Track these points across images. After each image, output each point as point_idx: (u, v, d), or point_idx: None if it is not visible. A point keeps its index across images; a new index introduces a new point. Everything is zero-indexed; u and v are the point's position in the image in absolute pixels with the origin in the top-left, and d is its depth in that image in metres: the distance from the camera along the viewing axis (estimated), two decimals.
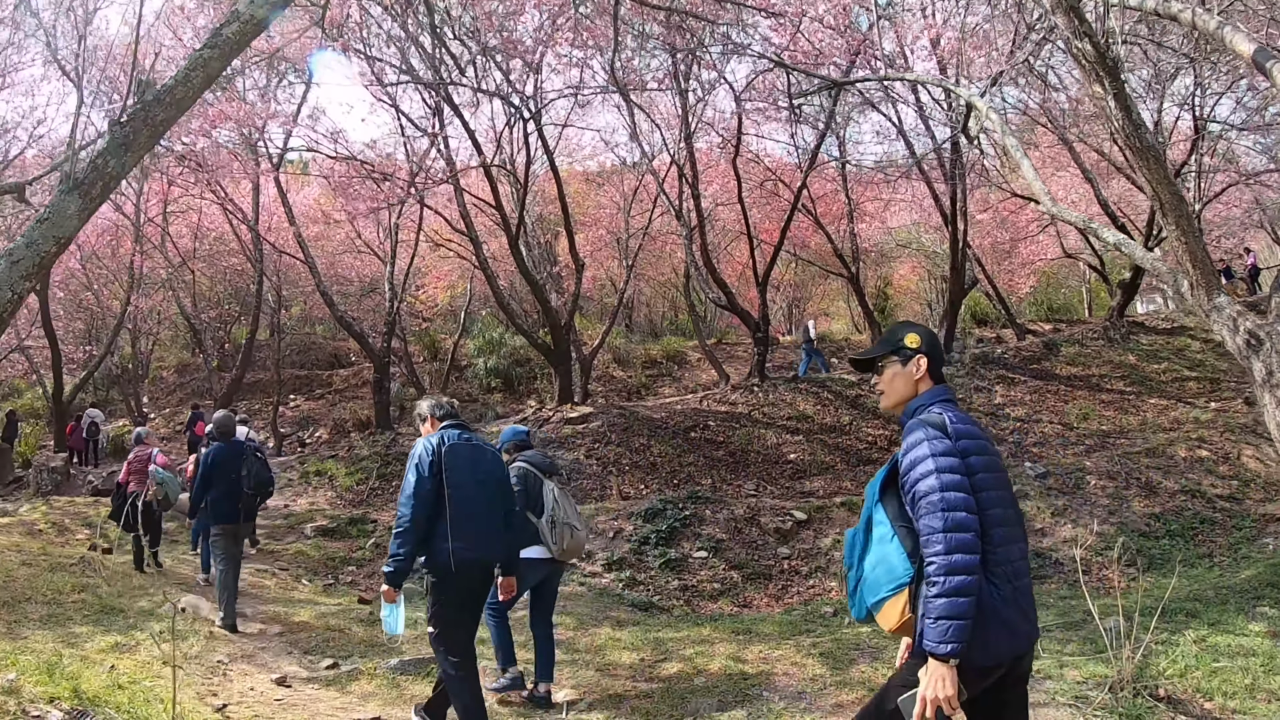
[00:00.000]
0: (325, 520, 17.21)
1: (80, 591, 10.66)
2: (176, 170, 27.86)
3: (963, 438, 3.43)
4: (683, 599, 12.76)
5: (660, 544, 14.00)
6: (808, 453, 19.33)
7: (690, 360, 35.06)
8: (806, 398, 21.90)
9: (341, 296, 32.34)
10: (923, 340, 3.75)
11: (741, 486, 18.16)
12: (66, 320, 34.76)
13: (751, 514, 14.86)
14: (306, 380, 36.50)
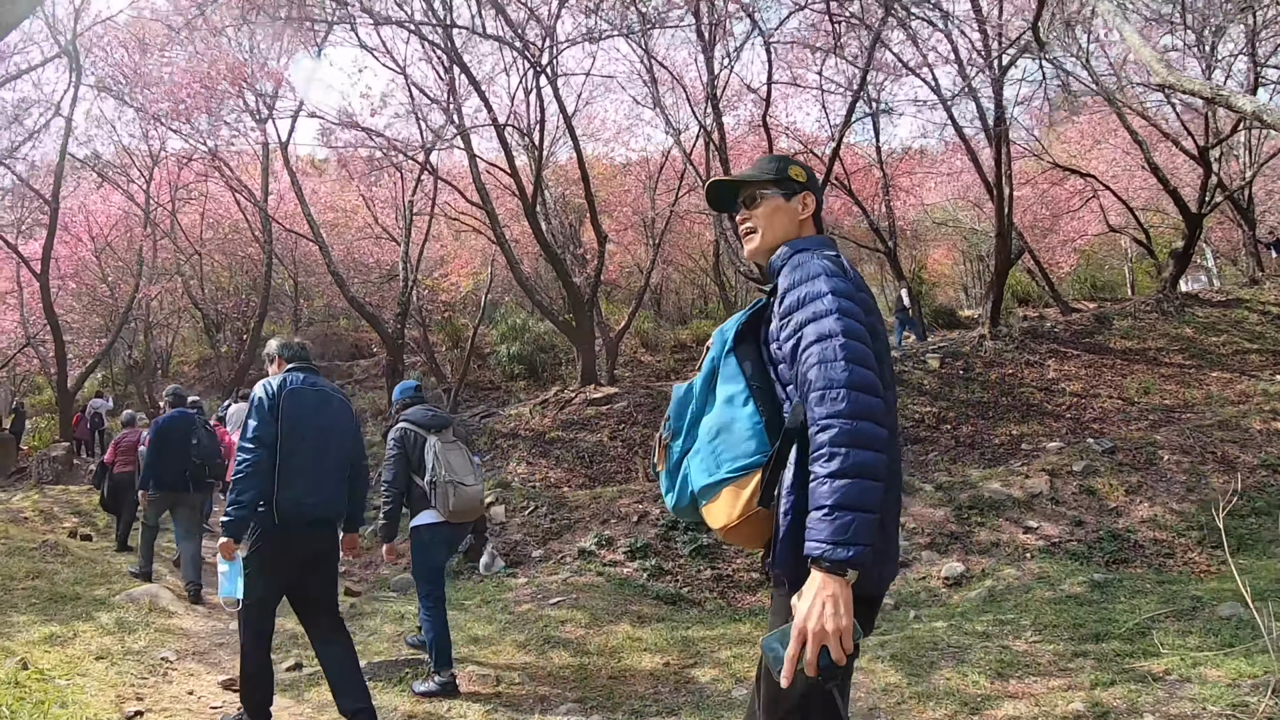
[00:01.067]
0: None
1: (35, 578, 10.21)
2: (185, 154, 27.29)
3: (862, 289, 2.77)
4: (716, 590, 11.24)
5: (689, 529, 12.38)
6: None
7: None
8: None
9: (362, 285, 32.09)
10: (808, 176, 3.13)
11: None
12: (83, 314, 35.08)
13: None
14: (327, 371, 35.49)
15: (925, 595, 10.35)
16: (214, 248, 34.00)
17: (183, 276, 32.12)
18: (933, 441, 17.02)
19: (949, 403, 18.41)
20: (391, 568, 12.40)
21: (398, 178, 27.04)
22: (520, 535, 13.31)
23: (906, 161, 31.31)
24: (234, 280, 37.18)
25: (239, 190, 26.64)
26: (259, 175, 28.15)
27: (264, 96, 24.26)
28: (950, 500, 12.79)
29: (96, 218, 30.59)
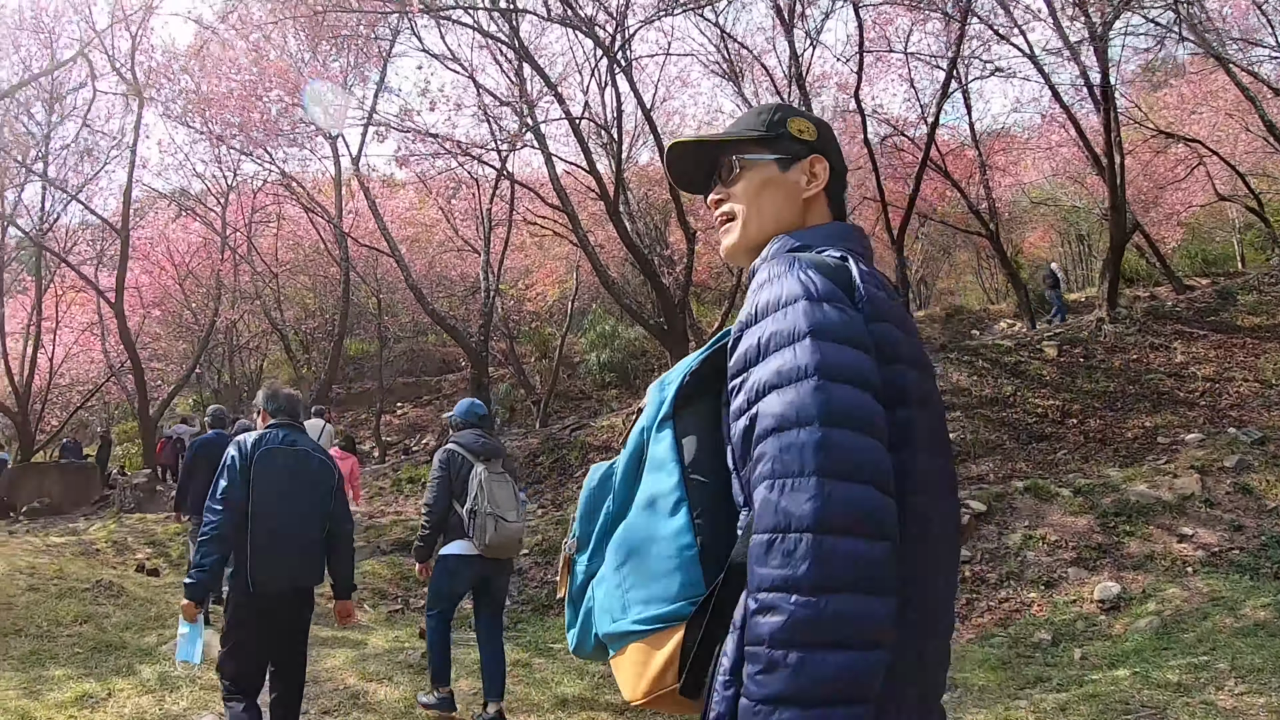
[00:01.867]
0: (404, 533, 15.15)
1: (83, 623, 9.71)
2: (258, 177, 27.88)
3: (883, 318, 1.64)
4: None
5: None
6: (969, 431, 16.31)
7: None
8: (959, 368, 18.87)
9: (446, 299, 32.59)
10: (820, 133, 1.99)
11: None
12: (170, 340, 36.09)
13: None
14: (415, 387, 35.98)
15: (1082, 625, 9.02)
16: (295, 269, 34.00)
17: (262, 300, 31.86)
18: (1059, 438, 15.74)
19: (1072, 394, 17.09)
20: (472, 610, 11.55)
21: (475, 188, 26.49)
22: None
23: (1001, 138, 29.92)
24: (318, 300, 37.10)
25: (313, 210, 26.14)
26: (334, 195, 27.55)
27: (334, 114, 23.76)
28: (1093, 506, 11.44)
29: (177, 246, 31.08)
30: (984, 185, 25.06)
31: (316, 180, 29.38)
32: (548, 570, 12.24)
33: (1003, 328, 28.91)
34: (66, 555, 14.07)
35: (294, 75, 21.54)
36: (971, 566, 10.53)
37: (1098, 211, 29.42)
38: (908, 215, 21.39)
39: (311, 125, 23.33)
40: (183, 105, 23.36)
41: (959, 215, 29.27)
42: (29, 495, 23.39)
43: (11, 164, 25.42)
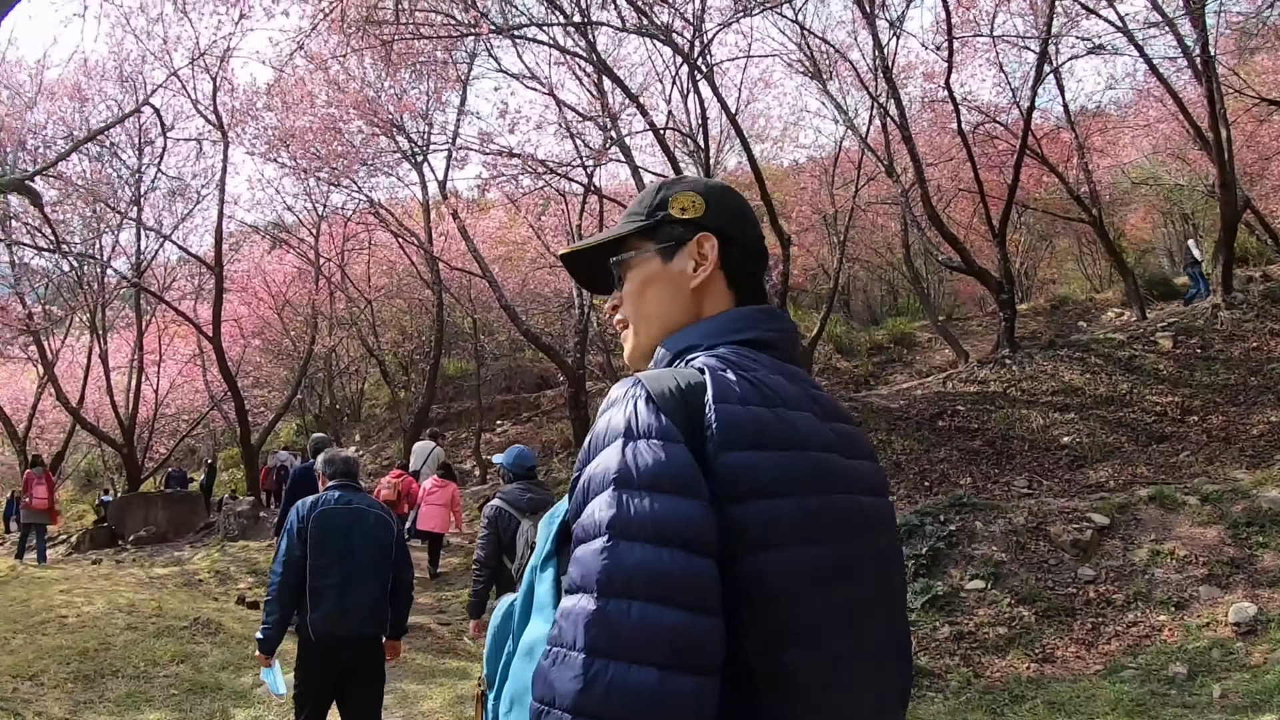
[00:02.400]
0: None
1: (180, 662, 9.77)
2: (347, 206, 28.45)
3: (743, 445, 1.36)
4: (958, 654, 9.23)
5: (921, 573, 10.51)
6: (1084, 433, 15.50)
7: (920, 341, 31.76)
8: (1070, 366, 18.04)
9: (541, 315, 32.45)
10: (709, 204, 1.71)
11: (1010, 484, 14.46)
12: (270, 368, 37.33)
13: (1035, 521, 11.21)
14: (514, 404, 35.85)
15: (1218, 654, 8.32)
16: (389, 294, 34.38)
17: (357, 326, 32.23)
18: (1181, 437, 14.94)
19: (1191, 389, 16.25)
20: None
21: (564, 204, 26.66)
22: None
23: (1097, 118, 28.96)
24: (414, 323, 37.31)
25: (402, 235, 26.26)
26: (423, 220, 27.75)
27: (416, 140, 24.10)
28: (1222, 515, 10.73)
29: (273, 277, 32.03)
30: (1083, 168, 24.20)
31: (405, 206, 29.55)
32: None
33: (1110, 318, 28.04)
34: (169, 588, 14.27)
35: (374, 105, 21.55)
36: (1096, 587, 9.89)
37: (1202, 189, 28.52)
38: (1008, 205, 20.58)
39: (395, 153, 23.46)
40: (266, 142, 23.68)
41: (1058, 202, 28.42)
42: (136, 524, 23.87)
43: (106, 210, 26.05)
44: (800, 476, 1.40)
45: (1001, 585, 10.14)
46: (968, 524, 11.28)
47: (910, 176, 21.53)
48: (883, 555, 1.56)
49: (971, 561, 10.57)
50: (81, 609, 11.78)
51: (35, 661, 9.43)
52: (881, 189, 26.95)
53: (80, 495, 45.49)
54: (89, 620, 11.20)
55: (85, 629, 10.77)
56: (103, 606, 11.88)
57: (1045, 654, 8.92)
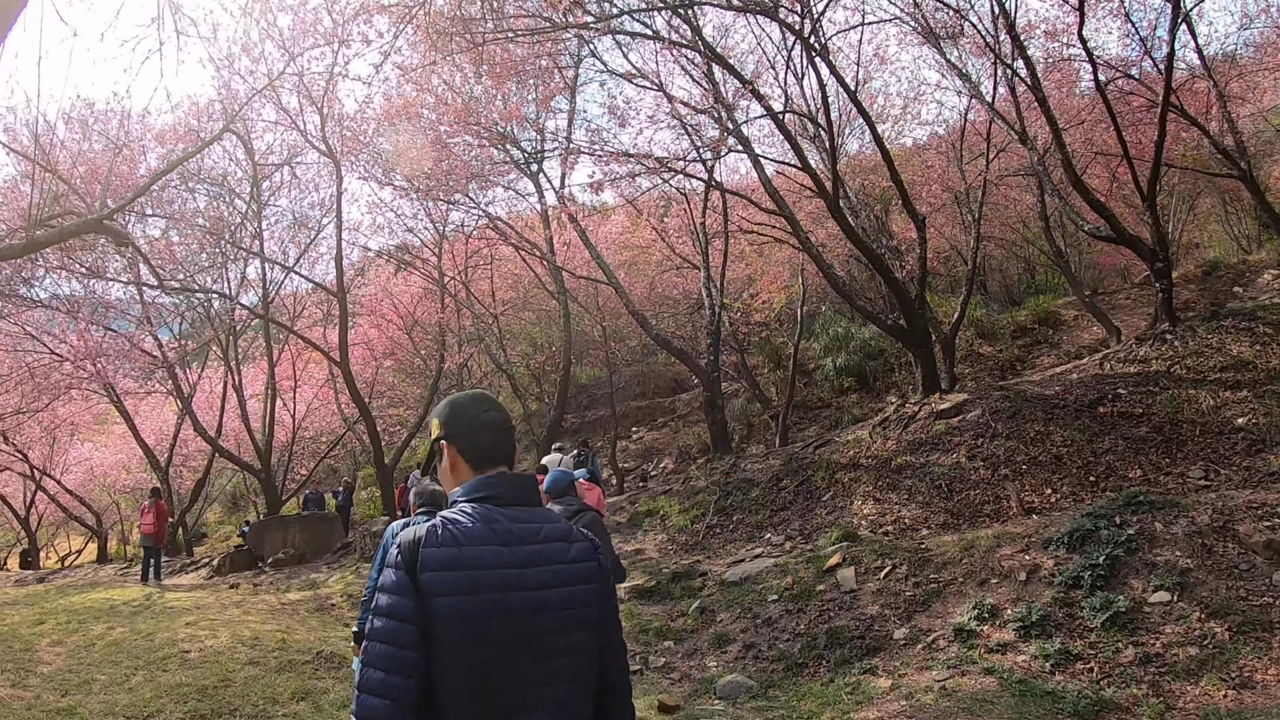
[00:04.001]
0: (643, 577, 14.12)
1: (301, 699, 9.67)
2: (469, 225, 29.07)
3: (443, 565, 2.55)
4: (1145, 681, 8.12)
5: (1098, 586, 9.47)
6: (1260, 413, 14.07)
7: (1065, 320, 30.30)
8: (1239, 338, 16.51)
9: (671, 318, 32.22)
10: (444, 421, 2.90)
11: (1185, 475, 13.22)
12: (404, 388, 38.33)
13: (1221, 520, 10.00)
14: (649, 410, 35.48)
15: None
16: (516, 307, 34.60)
17: (485, 341, 32.13)
18: None
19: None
20: (718, 664, 10.47)
21: (685, 203, 26.15)
22: (877, 608, 10.75)
23: (1234, 65, 27.33)
24: (543, 334, 37.31)
25: (523, 248, 26.15)
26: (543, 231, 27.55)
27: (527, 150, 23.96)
28: None
29: (400, 299, 32.46)
30: (1226, 119, 22.80)
31: (527, 220, 29.50)
32: (799, 619, 11.05)
33: (1268, 280, 26.50)
34: (299, 614, 14.42)
35: (482, 117, 21.26)
36: None
37: None
38: (1156, 164, 19.03)
39: (507, 164, 23.29)
40: (378, 165, 23.79)
41: (1200, 158, 26.93)
42: (274, 547, 24.39)
43: (228, 246, 26.82)
44: (459, 587, 2.51)
45: (1189, 596, 9.04)
46: (1146, 526, 10.18)
47: (1044, 142, 20.53)
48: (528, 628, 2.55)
49: (1154, 570, 9.47)
50: (205, 642, 11.72)
51: (152, 700, 9.29)
52: (1012, 160, 25.79)
53: (227, 518, 46.56)
54: (211, 655, 11.11)
55: (207, 664, 10.66)
56: (226, 640, 11.81)
57: (1243, 678, 7.79)
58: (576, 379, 36.64)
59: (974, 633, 9.40)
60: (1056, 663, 8.54)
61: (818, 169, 19.86)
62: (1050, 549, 10.40)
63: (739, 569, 13.36)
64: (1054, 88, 23.36)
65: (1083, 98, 23.29)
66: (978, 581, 10.49)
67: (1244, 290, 26.20)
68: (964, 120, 25.92)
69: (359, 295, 32.81)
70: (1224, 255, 34.07)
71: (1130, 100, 22.74)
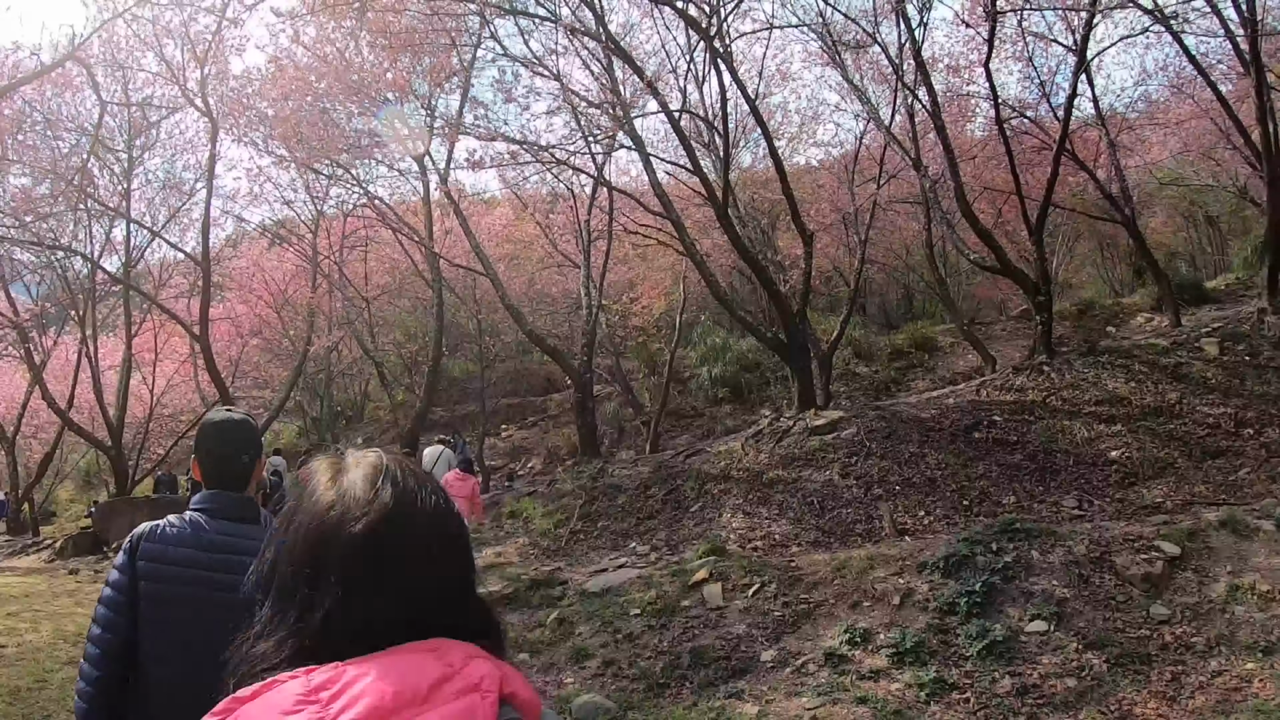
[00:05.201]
0: (502, 583, 13.33)
1: None
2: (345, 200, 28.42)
3: (153, 557, 3.15)
4: (1023, 712, 7.89)
5: (974, 613, 9.25)
6: (1134, 447, 14.34)
7: (942, 347, 30.84)
8: (1114, 373, 16.86)
9: (548, 316, 32.04)
10: (196, 438, 3.52)
11: (1059, 504, 13.28)
12: (272, 368, 36.72)
13: (1098, 551, 9.97)
14: (520, 408, 35.25)
15: None
16: (392, 293, 33.84)
17: (354, 326, 31.52)
18: (1237, 452, 13.85)
19: (1243, 399, 15.17)
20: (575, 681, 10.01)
21: (572, 200, 25.87)
22: (744, 627, 10.31)
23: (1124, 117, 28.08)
24: (418, 324, 36.70)
25: (401, 231, 25.42)
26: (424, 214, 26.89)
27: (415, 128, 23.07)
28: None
29: (272, 275, 31.38)
30: (1115, 167, 23.34)
31: (410, 205, 28.66)
32: (663, 636, 10.61)
33: (1141, 322, 27.21)
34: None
35: (371, 89, 20.63)
36: (1172, 628, 8.68)
37: (1232, 189, 27.86)
38: (1046, 202, 19.43)
39: (393, 142, 22.65)
40: (264, 133, 22.83)
41: (1086, 202, 27.53)
42: (121, 530, 22.50)
43: (93, 204, 25.31)
44: (158, 576, 3.09)
45: (1066, 627, 8.92)
46: (1023, 553, 10.06)
47: (936, 170, 20.69)
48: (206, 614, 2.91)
49: (1031, 599, 9.33)
50: (24, 637, 10.89)
51: None
52: (902, 187, 26.11)
53: (79, 496, 44.85)
54: (29, 651, 10.30)
55: (23, 662, 9.85)
56: (48, 634, 11.02)
57: (1123, 711, 7.65)
58: (448, 371, 36.01)
59: (846, 658, 9.06)
60: (932, 692, 8.26)
61: (710, 176, 19.77)
62: (925, 573, 10.18)
63: (601, 579, 12.89)
64: (950, 120, 23.57)
65: (974, 136, 23.59)
66: (850, 604, 10.18)
67: (1117, 330, 26.89)
68: (859, 143, 26.23)
69: (229, 268, 31.55)
70: (1099, 296, 35.19)
71: (1024, 140, 23.15)
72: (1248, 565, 9.40)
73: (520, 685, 1.34)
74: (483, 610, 1.52)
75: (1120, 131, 25.44)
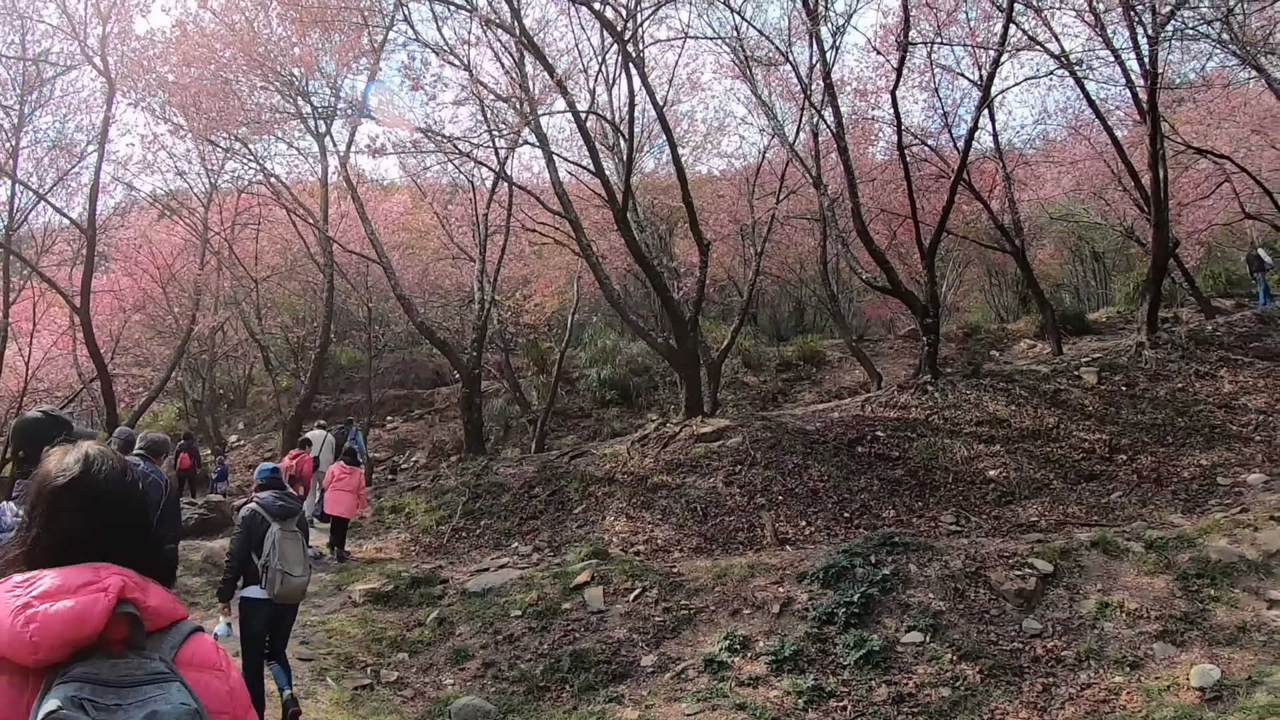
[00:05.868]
0: (381, 579, 13.25)
1: None
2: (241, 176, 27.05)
3: None
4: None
5: (852, 623, 9.43)
6: (1012, 468, 14.82)
7: (830, 361, 31.09)
8: (995, 396, 17.34)
9: (440, 309, 31.37)
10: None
11: (937, 519, 13.66)
12: (154, 347, 34.74)
13: (974, 566, 10.26)
14: (406, 400, 34.77)
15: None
16: (282, 275, 32.73)
17: (241, 307, 30.62)
18: (1111, 476, 14.33)
19: (1119, 426, 15.70)
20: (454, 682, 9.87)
21: (472, 193, 25.58)
22: (625, 631, 10.36)
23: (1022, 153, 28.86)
24: (307, 308, 35.85)
25: (296, 211, 24.82)
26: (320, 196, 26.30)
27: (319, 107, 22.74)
28: (1169, 565, 9.90)
29: (160, 248, 30.06)
30: (1009, 199, 23.98)
31: (305, 183, 27.99)
32: (543, 638, 10.53)
33: (1024, 348, 27.84)
34: None
35: (276, 63, 20.22)
36: (1044, 641, 8.92)
37: (1119, 228, 28.80)
38: (940, 228, 19.84)
39: (294, 118, 22.16)
40: (162, 99, 22.17)
41: (978, 231, 28.15)
42: None
43: None
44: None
45: (941, 638, 9.16)
46: (901, 566, 10.29)
47: (836, 190, 20.96)
48: None
49: (908, 610, 9.57)
50: None
51: None
52: (802, 203, 26.41)
53: None
54: None
55: None
56: None
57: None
58: (335, 359, 35.30)
59: (725, 664, 9.16)
60: (810, 699, 8.40)
61: (611, 178, 19.78)
62: (805, 582, 10.33)
63: (483, 579, 12.77)
64: (854, 142, 23.93)
65: (875, 159, 24.00)
66: (730, 611, 10.27)
67: (1000, 355, 27.51)
68: (762, 157, 26.46)
69: (116, 238, 30.14)
70: (985, 321, 35.95)
71: (924, 167, 23.65)
72: (1117, 584, 9.68)
73: (153, 595, 2.12)
74: (153, 549, 2.30)
75: (1017, 166, 26.27)
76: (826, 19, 19.42)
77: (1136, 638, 8.82)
